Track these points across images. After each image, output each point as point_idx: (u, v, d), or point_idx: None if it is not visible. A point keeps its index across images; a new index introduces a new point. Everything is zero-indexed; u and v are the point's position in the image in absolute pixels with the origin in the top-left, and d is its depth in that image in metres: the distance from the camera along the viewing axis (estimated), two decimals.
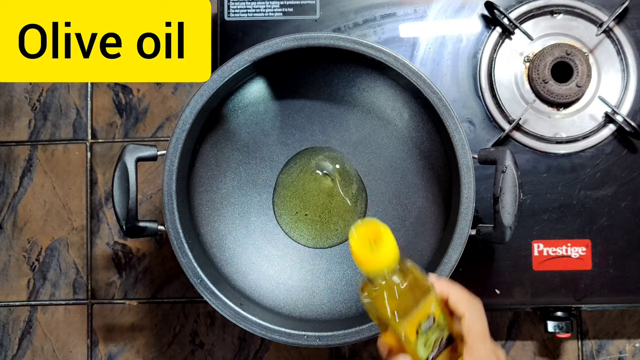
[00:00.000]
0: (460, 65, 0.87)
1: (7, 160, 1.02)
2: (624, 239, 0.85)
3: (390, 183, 0.84)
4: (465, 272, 0.84)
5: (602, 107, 0.86)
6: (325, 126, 0.84)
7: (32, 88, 1.03)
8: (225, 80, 0.75)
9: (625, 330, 0.98)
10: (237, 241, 0.82)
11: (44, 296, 1.01)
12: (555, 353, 0.98)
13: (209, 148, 0.81)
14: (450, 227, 0.73)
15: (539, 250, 0.85)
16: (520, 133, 0.86)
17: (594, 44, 0.87)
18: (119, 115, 1.02)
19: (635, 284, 0.85)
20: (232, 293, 0.76)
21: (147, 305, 1.01)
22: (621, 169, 0.86)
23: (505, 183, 0.71)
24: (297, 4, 0.88)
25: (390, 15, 0.88)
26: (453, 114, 0.73)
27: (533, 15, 0.87)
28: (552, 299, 0.85)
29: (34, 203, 1.02)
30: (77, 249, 1.01)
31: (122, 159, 0.74)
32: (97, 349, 1.01)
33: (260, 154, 0.85)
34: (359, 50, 0.74)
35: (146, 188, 1.01)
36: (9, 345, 1.01)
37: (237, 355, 1.00)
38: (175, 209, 0.74)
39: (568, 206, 0.85)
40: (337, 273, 0.83)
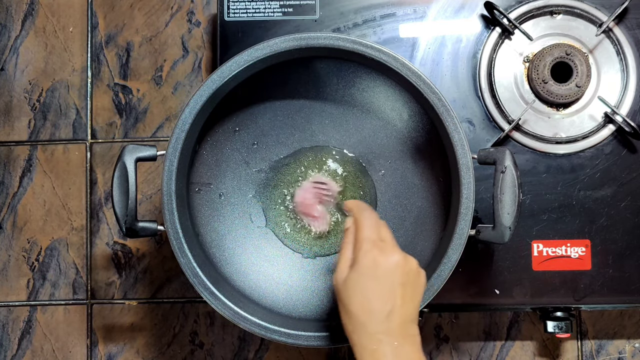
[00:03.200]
0: (460, 65, 0.87)
1: (7, 160, 1.02)
2: (624, 239, 0.85)
3: (390, 183, 0.84)
4: (465, 272, 0.84)
5: (602, 108, 0.86)
6: (325, 126, 0.84)
7: (32, 88, 1.03)
8: (225, 80, 0.75)
9: (625, 330, 0.98)
10: (236, 241, 0.82)
11: (44, 296, 1.01)
12: (555, 353, 0.98)
13: (209, 148, 0.81)
14: (450, 227, 0.73)
15: (538, 250, 0.85)
16: (520, 133, 0.86)
17: (593, 44, 0.87)
18: (118, 116, 1.02)
19: (635, 284, 0.85)
20: (231, 293, 0.76)
21: (146, 305, 1.01)
22: (621, 169, 0.86)
23: (505, 183, 0.71)
24: (297, 4, 0.88)
25: (389, 15, 0.88)
26: (453, 114, 0.73)
27: (533, 15, 0.87)
28: (551, 299, 0.85)
29: (34, 203, 1.02)
30: (76, 249, 1.01)
31: (121, 159, 0.74)
32: (96, 349, 1.01)
33: (259, 154, 0.85)
34: (358, 50, 0.74)
35: (146, 188, 1.01)
36: (9, 346, 1.01)
37: (236, 355, 1.00)
38: (175, 209, 0.74)
39: (568, 206, 0.85)
40: None
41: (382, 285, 0.64)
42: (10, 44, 1.03)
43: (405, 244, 0.81)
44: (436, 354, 0.99)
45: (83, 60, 1.03)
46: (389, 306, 0.63)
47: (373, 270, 0.64)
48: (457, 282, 0.83)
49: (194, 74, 1.02)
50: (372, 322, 0.63)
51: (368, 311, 0.63)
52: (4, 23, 1.04)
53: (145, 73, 1.02)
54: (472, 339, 0.99)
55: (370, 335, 0.62)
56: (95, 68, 1.03)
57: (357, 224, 0.68)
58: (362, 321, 0.63)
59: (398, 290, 0.64)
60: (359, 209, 0.69)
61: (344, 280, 0.65)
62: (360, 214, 0.68)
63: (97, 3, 1.03)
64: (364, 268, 0.64)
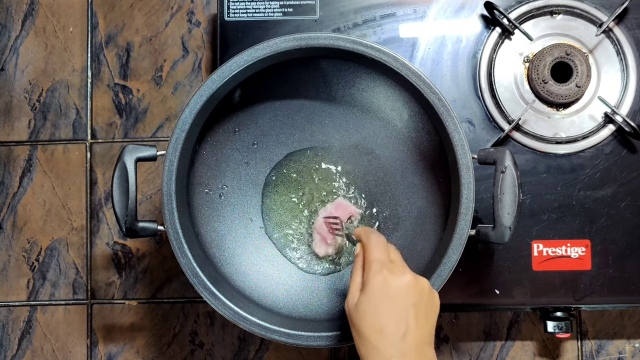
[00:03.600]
0: (460, 65, 0.87)
1: (7, 160, 1.02)
2: (624, 239, 0.85)
3: (390, 183, 0.84)
4: (465, 272, 0.84)
5: (602, 108, 0.86)
6: (324, 126, 0.84)
7: (32, 88, 1.03)
8: (224, 80, 0.75)
9: (625, 330, 0.98)
10: (236, 241, 0.82)
11: (44, 296, 1.01)
12: (555, 353, 0.98)
13: (209, 148, 0.81)
14: (450, 228, 0.73)
15: (538, 250, 0.85)
16: (520, 133, 0.86)
17: (593, 44, 0.87)
18: (118, 116, 1.02)
19: (635, 284, 0.85)
20: (231, 293, 0.76)
21: (146, 305, 1.01)
22: (621, 169, 0.86)
23: (505, 183, 0.71)
24: (297, 4, 0.88)
25: (389, 15, 0.88)
26: (453, 114, 0.73)
27: (533, 15, 0.87)
28: (551, 299, 0.85)
29: (34, 203, 1.02)
30: (76, 249, 1.01)
31: (121, 159, 0.74)
32: (96, 349, 1.01)
33: (260, 154, 0.85)
34: (358, 51, 0.74)
35: (146, 188, 1.01)
36: (9, 346, 1.01)
37: (236, 355, 1.00)
38: (175, 209, 0.74)
39: (568, 206, 0.85)
40: (337, 273, 0.83)
41: (395, 306, 0.62)
42: (10, 44, 1.03)
43: (405, 244, 0.81)
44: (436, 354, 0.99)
45: (83, 60, 1.03)
46: (402, 327, 0.61)
47: (384, 290, 0.62)
48: (457, 282, 0.83)
49: (194, 74, 1.02)
50: (386, 345, 0.61)
51: (381, 333, 0.61)
52: (4, 23, 1.04)
53: (145, 73, 1.02)
54: (472, 339, 0.99)
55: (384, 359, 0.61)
56: (95, 68, 1.03)
57: (365, 248, 0.67)
58: (375, 344, 0.61)
59: (411, 310, 0.62)
60: (367, 233, 0.68)
61: (355, 304, 0.64)
62: (368, 238, 0.67)
63: (97, 3, 1.03)
64: (374, 289, 0.63)
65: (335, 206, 0.84)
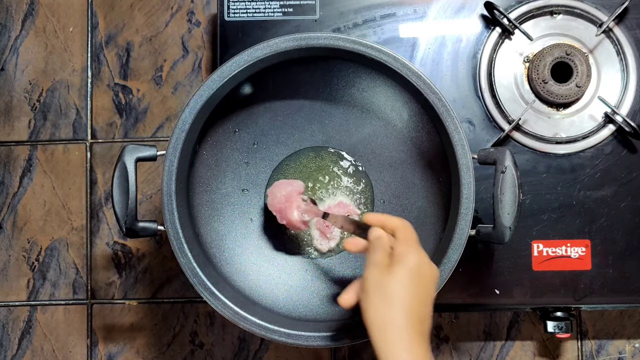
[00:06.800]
0: (460, 65, 0.87)
1: (7, 160, 1.02)
2: (624, 239, 0.85)
3: (390, 183, 0.84)
4: (465, 272, 0.84)
5: (602, 108, 0.86)
6: (324, 126, 0.84)
7: (32, 88, 1.03)
8: (224, 80, 0.75)
9: (625, 330, 0.98)
10: (236, 241, 0.82)
11: (44, 296, 1.01)
12: (555, 353, 0.98)
13: (209, 148, 0.81)
14: (450, 227, 0.73)
15: (538, 250, 0.85)
16: (520, 133, 0.86)
17: (593, 44, 0.87)
18: (118, 115, 1.02)
19: (635, 284, 0.85)
20: (231, 293, 0.76)
21: (146, 305, 1.01)
22: (621, 169, 0.86)
23: (505, 183, 0.71)
24: (297, 4, 0.88)
25: (390, 15, 0.88)
26: (453, 114, 0.73)
27: (533, 15, 0.87)
28: (551, 299, 0.85)
29: (34, 203, 1.02)
30: (76, 249, 1.01)
31: (121, 159, 0.74)
32: (96, 349, 1.01)
33: (259, 154, 0.85)
34: (358, 51, 0.74)
35: (146, 188, 1.01)
36: (9, 345, 1.01)
37: (236, 355, 1.00)
38: (175, 209, 0.74)
39: (568, 206, 0.85)
40: (336, 273, 0.83)
41: (427, 290, 0.63)
42: (10, 44, 1.03)
43: None
44: (436, 354, 0.99)
45: (83, 60, 1.03)
46: (428, 310, 0.62)
47: (418, 272, 0.62)
48: (457, 282, 0.83)
49: (194, 74, 1.02)
50: (415, 327, 0.60)
51: (411, 314, 0.60)
52: (4, 23, 1.04)
53: (145, 73, 1.02)
54: (472, 339, 0.99)
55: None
56: (95, 68, 1.03)
57: (393, 225, 0.65)
58: (403, 324, 0.60)
59: (430, 297, 0.63)
60: (390, 217, 0.67)
61: (379, 280, 0.61)
62: (391, 219, 0.66)
63: (97, 3, 1.03)
64: (411, 266, 0.62)
65: (335, 206, 0.84)
